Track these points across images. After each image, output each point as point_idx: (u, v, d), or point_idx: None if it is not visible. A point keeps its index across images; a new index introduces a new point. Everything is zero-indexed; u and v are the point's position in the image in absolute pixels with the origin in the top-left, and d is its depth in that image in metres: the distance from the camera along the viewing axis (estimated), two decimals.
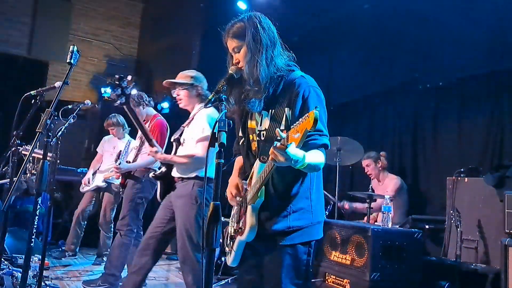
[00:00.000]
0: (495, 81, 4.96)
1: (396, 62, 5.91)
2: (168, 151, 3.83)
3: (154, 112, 4.76)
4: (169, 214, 3.51)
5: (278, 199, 2.02)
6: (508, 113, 4.77)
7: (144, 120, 4.66)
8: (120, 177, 4.49)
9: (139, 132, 4.54)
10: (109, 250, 4.49)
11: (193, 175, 3.48)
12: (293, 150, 1.63)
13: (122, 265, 4.39)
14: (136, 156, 4.50)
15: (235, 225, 2.16)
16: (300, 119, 1.60)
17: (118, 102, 3.58)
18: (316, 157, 1.87)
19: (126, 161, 4.41)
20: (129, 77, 3.84)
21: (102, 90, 8.48)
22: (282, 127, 1.98)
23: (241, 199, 2.15)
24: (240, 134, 2.22)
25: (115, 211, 5.56)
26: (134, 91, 4.53)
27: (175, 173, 3.58)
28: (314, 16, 6.54)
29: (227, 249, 2.21)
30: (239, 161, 2.33)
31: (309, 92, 1.98)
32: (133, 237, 4.42)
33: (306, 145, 1.81)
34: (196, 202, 3.39)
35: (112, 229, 5.52)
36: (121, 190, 4.59)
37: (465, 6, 4.90)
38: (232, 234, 2.17)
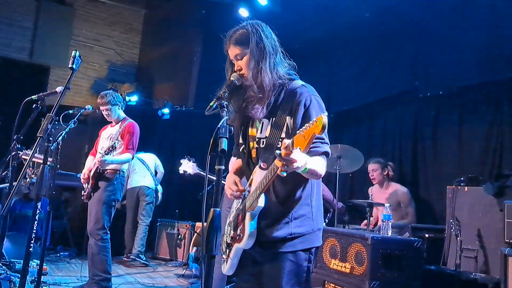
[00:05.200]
0: (495, 90, 4.97)
1: (396, 70, 5.92)
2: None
3: (124, 114, 4.82)
4: None
5: (279, 206, 2.01)
6: (508, 122, 4.78)
7: (112, 122, 4.74)
8: (90, 179, 4.44)
9: (111, 132, 4.65)
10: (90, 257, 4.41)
11: None
12: (298, 155, 1.64)
13: (109, 266, 4.39)
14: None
15: (232, 232, 2.13)
16: (307, 124, 1.60)
17: None
18: (317, 163, 1.88)
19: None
20: None
21: None
22: (283, 135, 1.98)
23: (241, 194, 2.10)
24: (240, 141, 2.21)
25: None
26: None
27: None
28: (315, 24, 6.57)
29: (223, 257, 2.19)
30: (236, 162, 2.33)
31: (311, 101, 1.99)
32: (109, 238, 4.43)
33: (308, 152, 1.81)
34: None
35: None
36: (85, 192, 4.49)
37: (464, 16, 4.93)
38: (229, 241, 2.15)
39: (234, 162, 2.36)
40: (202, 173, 4.94)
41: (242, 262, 2.10)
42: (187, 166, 4.91)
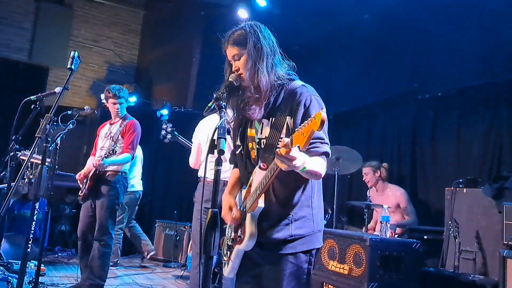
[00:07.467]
0: (493, 92, 4.98)
1: (395, 72, 5.93)
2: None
3: (126, 112, 4.73)
4: None
5: (279, 207, 2.00)
6: (506, 123, 4.79)
7: (113, 119, 4.66)
8: (88, 180, 4.33)
9: (110, 131, 4.55)
10: (91, 260, 4.30)
11: None
12: (297, 153, 1.63)
13: (106, 273, 4.31)
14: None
15: (233, 234, 2.12)
16: (305, 122, 1.59)
17: None
18: (317, 163, 1.87)
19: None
20: None
21: None
22: (283, 135, 1.97)
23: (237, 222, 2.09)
24: (238, 142, 2.20)
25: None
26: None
27: None
28: (314, 25, 6.58)
29: (224, 259, 2.18)
30: (234, 174, 2.28)
31: (311, 101, 1.98)
32: (113, 243, 4.38)
33: (307, 152, 1.79)
34: None
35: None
36: (81, 193, 4.39)
37: (462, 18, 4.94)
38: (230, 243, 2.14)
39: (232, 174, 2.29)
40: (181, 139, 5.07)
41: (242, 263, 2.09)
42: (167, 130, 4.93)
